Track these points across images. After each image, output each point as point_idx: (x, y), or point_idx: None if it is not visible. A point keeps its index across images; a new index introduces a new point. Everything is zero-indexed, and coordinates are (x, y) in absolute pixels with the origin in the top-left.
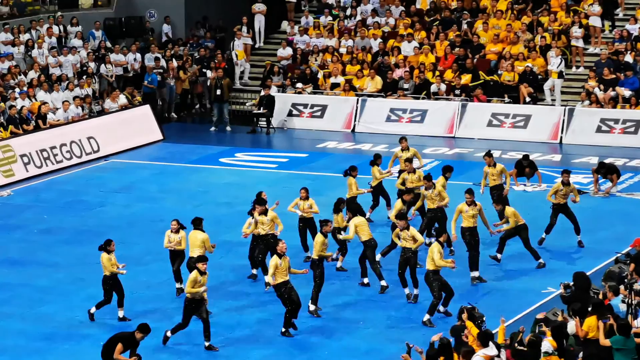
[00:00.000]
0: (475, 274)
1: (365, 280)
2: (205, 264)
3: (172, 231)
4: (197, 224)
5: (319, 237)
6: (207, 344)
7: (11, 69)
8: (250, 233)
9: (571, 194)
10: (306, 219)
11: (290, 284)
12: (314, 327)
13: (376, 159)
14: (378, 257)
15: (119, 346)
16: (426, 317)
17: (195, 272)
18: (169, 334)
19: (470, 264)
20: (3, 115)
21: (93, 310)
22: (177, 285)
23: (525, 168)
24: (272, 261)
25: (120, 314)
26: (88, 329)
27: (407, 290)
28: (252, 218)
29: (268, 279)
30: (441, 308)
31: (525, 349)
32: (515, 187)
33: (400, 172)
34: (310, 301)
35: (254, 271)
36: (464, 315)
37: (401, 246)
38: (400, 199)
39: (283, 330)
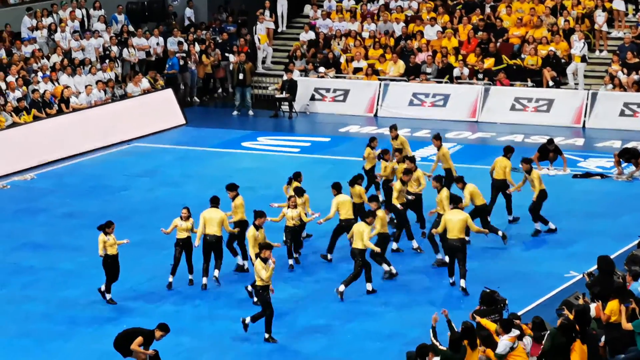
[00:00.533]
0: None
1: (329, 256)
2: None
3: (182, 218)
4: (215, 202)
5: (250, 230)
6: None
7: (35, 53)
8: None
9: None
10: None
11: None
12: (336, 312)
13: (371, 141)
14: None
15: (140, 339)
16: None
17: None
18: (248, 320)
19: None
20: (26, 99)
21: (103, 288)
22: (190, 277)
23: (549, 152)
24: (250, 232)
25: (108, 296)
26: (111, 312)
27: (439, 256)
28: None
29: (250, 251)
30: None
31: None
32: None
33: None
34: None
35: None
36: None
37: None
38: (399, 181)
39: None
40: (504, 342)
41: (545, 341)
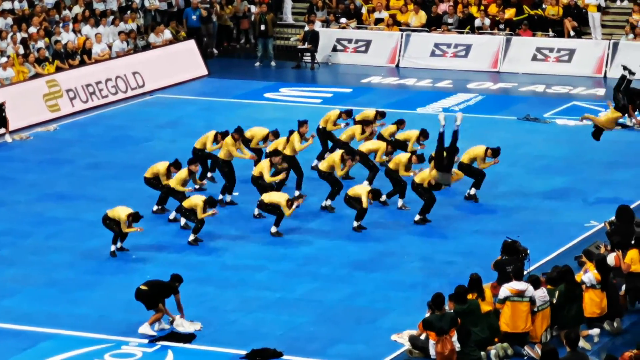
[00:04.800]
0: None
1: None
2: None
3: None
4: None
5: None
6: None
7: (58, 4)
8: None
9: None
10: None
11: None
12: (358, 261)
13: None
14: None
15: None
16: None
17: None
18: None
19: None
20: (49, 50)
21: (113, 248)
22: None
23: None
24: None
25: (113, 247)
26: (135, 263)
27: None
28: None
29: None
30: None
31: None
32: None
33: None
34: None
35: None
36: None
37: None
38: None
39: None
40: (504, 290)
41: (557, 298)
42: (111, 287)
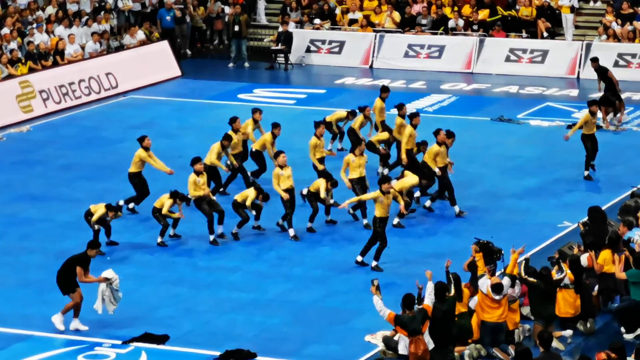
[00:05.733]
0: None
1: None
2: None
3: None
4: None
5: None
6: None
7: (30, 5)
8: None
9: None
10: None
11: None
12: (331, 262)
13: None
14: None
15: (79, 269)
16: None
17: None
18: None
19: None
20: (21, 51)
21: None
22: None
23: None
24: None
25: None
26: (110, 264)
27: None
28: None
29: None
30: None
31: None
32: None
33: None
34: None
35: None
36: (474, 247)
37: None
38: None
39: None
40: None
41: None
42: (84, 288)
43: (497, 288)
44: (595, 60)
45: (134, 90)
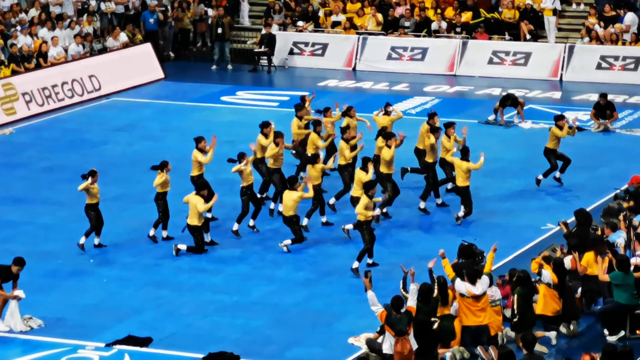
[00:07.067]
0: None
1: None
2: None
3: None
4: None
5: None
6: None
7: (12, 7)
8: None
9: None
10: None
11: None
12: (314, 264)
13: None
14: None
15: None
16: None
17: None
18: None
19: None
20: (4, 53)
21: (83, 240)
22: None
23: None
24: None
25: (96, 241)
26: (92, 266)
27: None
28: None
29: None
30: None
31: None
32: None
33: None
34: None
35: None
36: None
37: None
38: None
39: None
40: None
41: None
42: (67, 290)
43: (471, 276)
44: (604, 96)
45: (117, 92)
